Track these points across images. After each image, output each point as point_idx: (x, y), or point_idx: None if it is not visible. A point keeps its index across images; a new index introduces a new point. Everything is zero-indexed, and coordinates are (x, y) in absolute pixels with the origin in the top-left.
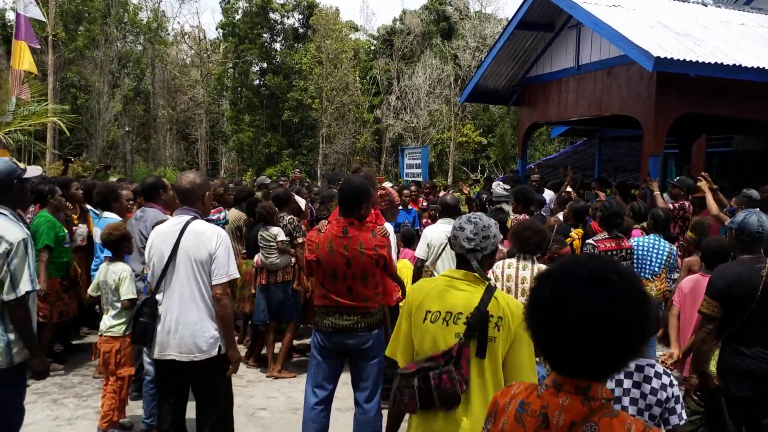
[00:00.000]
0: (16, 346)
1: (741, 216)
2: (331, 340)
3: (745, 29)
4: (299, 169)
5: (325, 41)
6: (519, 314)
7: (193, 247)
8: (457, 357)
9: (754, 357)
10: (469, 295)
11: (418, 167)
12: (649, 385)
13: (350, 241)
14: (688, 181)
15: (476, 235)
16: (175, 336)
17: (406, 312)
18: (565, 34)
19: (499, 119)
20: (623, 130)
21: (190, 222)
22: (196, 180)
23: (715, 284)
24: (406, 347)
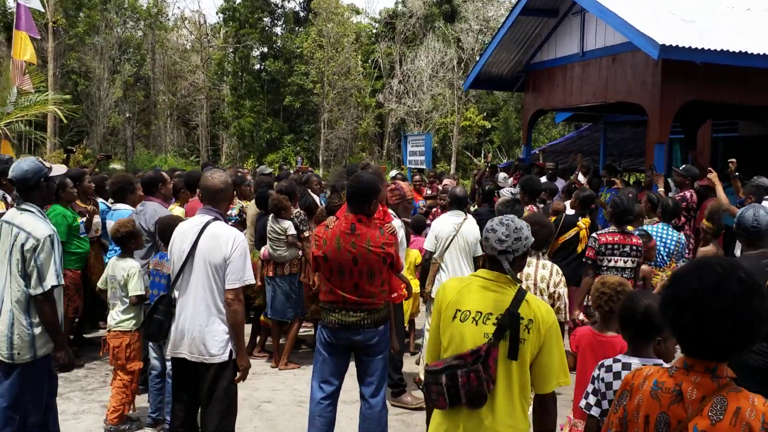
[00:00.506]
0: (40, 339)
1: (740, 212)
2: (338, 336)
3: (751, 14)
4: (301, 157)
5: (327, 25)
6: (549, 318)
7: (209, 250)
8: (486, 357)
9: (760, 353)
10: (500, 296)
11: (422, 154)
12: None
13: (358, 238)
14: (694, 170)
15: (508, 237)
16: (187, 336)
17: (436, 309)
18: (569, 19)
19: (502, 103)
20: (628, 115)
21: (209, 223)
22: (228, 180)
23: None
24: (434, 343)
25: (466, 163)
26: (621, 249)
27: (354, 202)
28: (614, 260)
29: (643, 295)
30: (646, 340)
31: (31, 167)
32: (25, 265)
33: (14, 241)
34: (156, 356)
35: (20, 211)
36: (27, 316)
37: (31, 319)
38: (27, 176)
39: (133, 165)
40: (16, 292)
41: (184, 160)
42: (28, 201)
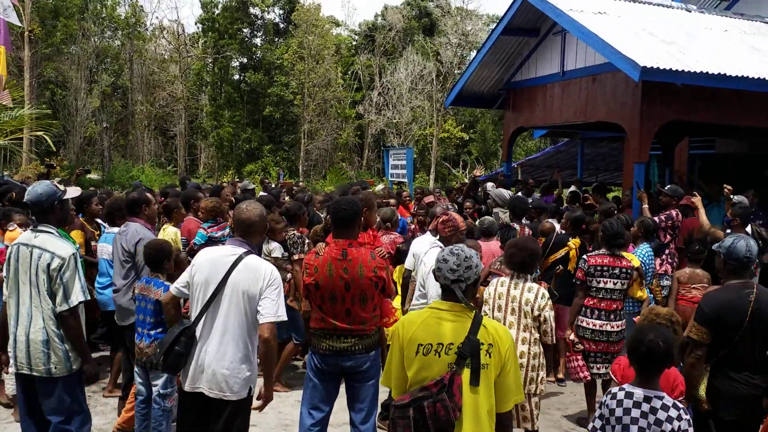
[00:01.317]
0: (72, 353)
1: (729, 241)
2: (328, 362)
3: (728, 36)
4: (282, 170)
5: (307, 37)
6: (507, 339)
7: (244, 282)
8: (450, 385)
9: (742, 381)
10: (458, 326)
11: (403, 168)
12: (654, 416)
13: (350, 263)
14: (679, 190)
15: (459, 266)
16: (207, 371)
17: (397, 346)
18: (550, 39)
19: (480, 115)
20: (605, 132)
21: (244, 256)
22: (262, 212)
23: (705, 311)
24: (399, 379)
25: (445, 174)
26: (611, 271)
27: (339, 227)
28: (603, 281)
29: (650, 328)
30: (650, 372)
31: (45, 191)
32: (51, 283)
33: (38, 261)
34: (141, 381)
35: (36, 233)
36: (58, 331)
37: (61, 334)
38: (41, 199)
39: (110, 175)
40: (48, 311)
41: (162, 170)
42: (44, 222)
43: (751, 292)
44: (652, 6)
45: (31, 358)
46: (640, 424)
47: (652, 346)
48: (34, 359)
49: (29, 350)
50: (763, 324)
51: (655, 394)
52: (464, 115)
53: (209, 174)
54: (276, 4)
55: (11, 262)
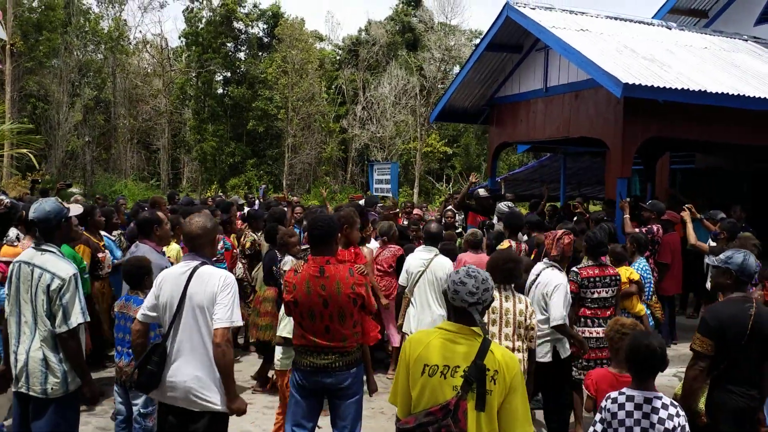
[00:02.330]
0: (70, 375)
1: (740, 257)
2: (310, 379)
3: (707, 53)
4: (265, 184)
5: (291, 51)
6: (514, 367)
7: (199, 293)
8: (455, 410)
9: (741, 395)
10: (466, 349)
11: (388, 183)
12: (657, 416)
13: (327, 280)
14: (660, 205)
15: (478, 288)
16: (180, 385)
17: (404, 364)
18: (533, 56)
19: (463, 129)
20: (587, 147)
21: (197, 268)
22: (206, 225)
23: (709, 323)
24: (405, 397)
25: (429, 188)
26: (602, 280)
27: (316, 244)
28: (597, 291)
29: (646, 335)
30: (648, 375)
31: (53, 208)
32: (51, 304)
33: (38, 281)
34: (121, 401)
35: (41, 252)
36: (56, 353)
37: (60, 356)
38: (49, 217)
39: (92, 189)
40: (44, 331)
41: (145, 183)
42: (49, 241)
43: (751, 306)
44: (633, 23)
45: (29, 376)
46: (642, 425)
47: (650, 351)
48: (32, 378)
49: (28, 369)
50: (762, 338)
51: (654, 395)
52: (447, 130)
53: (192, 188)
54: (260, 19)
55: (13, 280)
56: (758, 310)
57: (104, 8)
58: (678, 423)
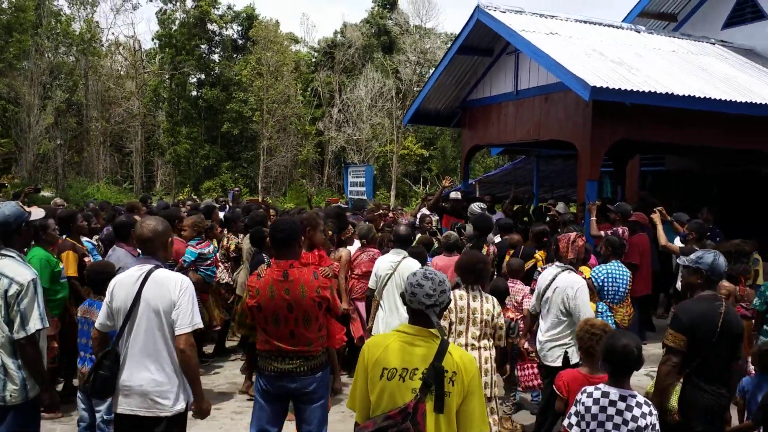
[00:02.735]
0: (29, 381)
1: (710, 257)
2: (274, 384)
3: (675, 56)
4: (239, 187)
5: (265, 53)
6: (472, 368)
7: (155, 297)
8: (414, 413)
9: (712, 393)
10: (424, 351)
11: (362, 185)
12: (630, 413)
13: (291, 284)
14: (625, 206)
15: (435, 291)
16: (136, 390)
17: (362, 368)
18: (504, 59)
19: (439, 132)
20: (559, 149)
21: (152, 271)
22: (157, 228)
23: (681, 318)
24: (363, 402)
25: (406, 191)
26: None
27: (278, 248)
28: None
29: (623, 334)
30: (624, 374)
31: (13, 212)
32: (8, 310)
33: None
34: (84, 407)
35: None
36: (15, 360)
37: (19, 362)
38: (9, 221)
39: (65, 193)
40: (1, 338)
41: (118, 187)
42: (8, 246)
43: (720, 305)
44: (602, 27)
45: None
46: (615, 420)
47: (627, 350)
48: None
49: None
50: (730, 336)
51: (629, 393)
52: (424, 132)
53: (166, 191)
54: (234, 21)
55: None
56: (727, 309)
57: (76, 10)
58: (650, 422)
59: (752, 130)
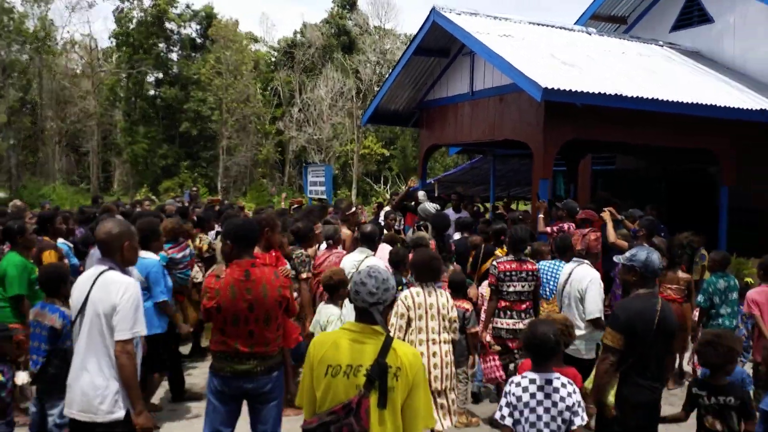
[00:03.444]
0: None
1: (643, 254)
2: (230, 385)
3: (625, 58)
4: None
5: (225, 52)
6: (416, 363)
7: (99, 299)
8: (357, 408)
9: (648, 388)
10: (368, 348)
11: (322, 185)
12: (558, 395)
13: (253, 284)
14: (572, 204)
15: (378, 289)
16: (77, 393)
17: (308, 366)
18: (460, 60)
19: (400, 132)
20: (515, 149)
21: (103, 273)
22: (112, 230)
23: (619, 317)
24: (310, 399)
25: (367, 190)
26: (518, 275)
27: (239, 248)
28: (513, 285)
29: (542, 323)
30: (545, 359)
31: None
32: None
33: None
34: (36, 411)
35: None
36: None
37: None
38: None
39: (19, 194)
40: None
41: (74, 188)
42: None
43: (657, 302)
44: (554, 29)
45: None
46: (545, 404)
47: (544, 338)
48: None
49: None
50: (666, 333)
51: (554, 376)
52: (385, 132)
53: (124, 191)
54: (192, 20)
55: None
56: (663, 306)
57: (29, 7)
58: (576, 399)
59: (698, 130)
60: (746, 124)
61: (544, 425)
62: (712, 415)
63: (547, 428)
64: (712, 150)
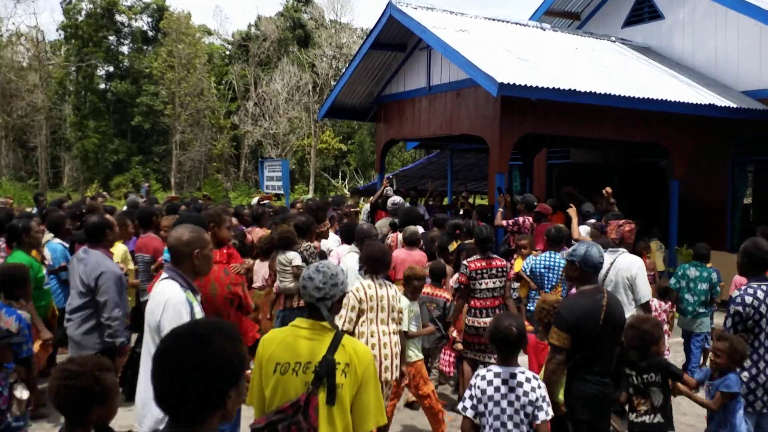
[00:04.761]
0: None
1: (582, 249)
2: None
3: (579, 53)
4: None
5: (177, 45)
6: (366, 359)
7: (150, 311)
8: (305, 406)
9: (595, 383)
10: (317, 344)
11: (279, 179)
12: (521, 389)
13: (201, 282)
14: (530, 198)
15: (325, 284)
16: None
17: (257, 365)
18: (417, 55)
19: (357, 127)
20: (472, 144)
21: (159, 283)
22: (182, 237)
23: (565, 317)
24: (260, 398)
25: (325, 185)
26: (489, 272)
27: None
28: (485, 282)
29: (506, 317)
30: (509, 353)
31: None
32: None
33: None
34: None
35: None
36: None
37: None
38: None
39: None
40: None
41: (22, 183)
42: None
43: (602, 297)
44: (510, 24)
45: None
46: (509, 398)
47: (506, 331)
48: None
49: None
50: (613, 326)
51: (518, 370)
52: (342, 127)
53: (74, 187)
54: (144, 12)
55: None
56: (609, 300)
57: None
58: (540, 394)
59: (649, 124)
60: (695, 119)
61: (507, 418)
62: (637, 394)
63: (511, 421)
64: (662, 144)
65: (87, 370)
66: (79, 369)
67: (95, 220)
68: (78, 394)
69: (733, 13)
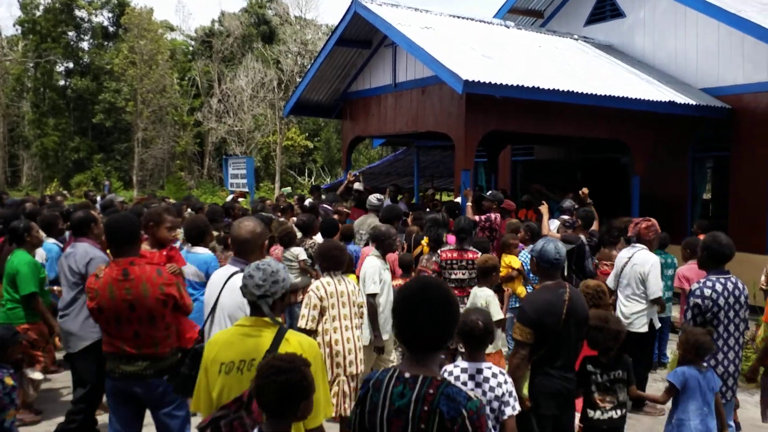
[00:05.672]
0: None
1: (539, 245)
2: (120, 387)
3: (542, 51)
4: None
5: (139, 41)
6: (312, 352)
7: (228, 304)
8: (248, 402)
9: (559, 378)
10: (261, 341)
11: (243, 177)
12: (488, 384)
13: (133, 283)
14: (499, 195)
15: (265, 281)
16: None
17: (203, 367)
18: (382, 52)
19: (323, 124)
20: (438, 141)
21: (233, 275)
22: (257, 229)
23: (528, 313)
24: (206, 402)
25: (291, 182)
26: (459, 263)
27: (117, 245)
28: (455, 273)
29: (473, 311)
30: (476, 348)
31: None
32: None
33: None
34: None
35: None
36: None
37: None
38: None
39: None
40: None
41: None
42: None
43: (564, 292)
44: (474, 22)
45: None
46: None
47: (472, 325)
48: None
49: None
50: (576, 321)
51: (485, 365)
52: (308, 124)
53: (33, 186)
54: (104, 7)
55: None
56: (571, 295)
57: None
58: (506, 389)
59: (611, 121)
60: (656, 116)
61: None
62: (601, 391)
63: None
64: (623, 140)
65: (296, 366)
66: (288, 365)
67: (80, 214)
68: (288, 389)
69: (693, 12)
